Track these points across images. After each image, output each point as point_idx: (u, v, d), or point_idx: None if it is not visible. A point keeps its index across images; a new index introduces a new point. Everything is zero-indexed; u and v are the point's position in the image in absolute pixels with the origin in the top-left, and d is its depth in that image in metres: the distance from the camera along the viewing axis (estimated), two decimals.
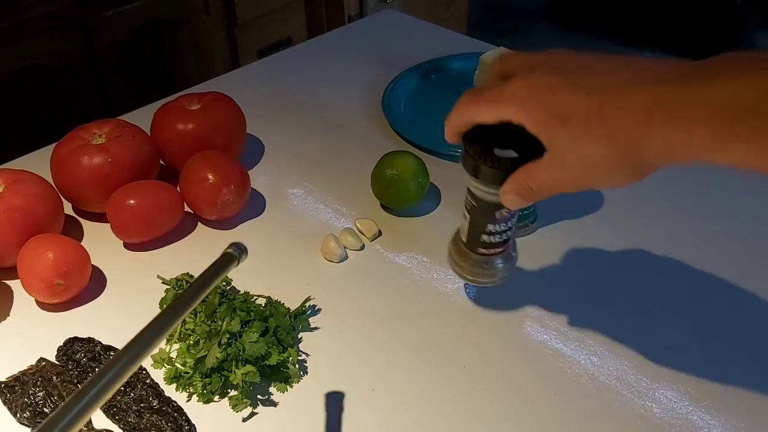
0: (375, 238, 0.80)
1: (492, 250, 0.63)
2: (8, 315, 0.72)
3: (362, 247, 0.79)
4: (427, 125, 0.96)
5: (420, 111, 1.01)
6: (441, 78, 1.09)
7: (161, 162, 0.88)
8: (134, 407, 0.61)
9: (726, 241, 0.79)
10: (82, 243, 0.76)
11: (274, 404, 0.63)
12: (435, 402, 0.63)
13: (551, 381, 0.64)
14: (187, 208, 0.82)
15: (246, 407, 0.62)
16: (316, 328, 0.70)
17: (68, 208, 0.84)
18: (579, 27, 3.04)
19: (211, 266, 0.52)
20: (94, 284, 0.75)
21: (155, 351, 0.43)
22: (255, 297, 0.70)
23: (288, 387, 0.64)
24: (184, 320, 0.67)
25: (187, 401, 0.63)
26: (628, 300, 0.72)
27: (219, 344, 0.63)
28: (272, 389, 0.64)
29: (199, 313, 0.67)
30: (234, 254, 0.55)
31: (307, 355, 0.67)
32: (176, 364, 0.65)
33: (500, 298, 0.72)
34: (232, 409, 0.62)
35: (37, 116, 1.55)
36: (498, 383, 0.64)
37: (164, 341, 0.68)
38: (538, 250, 0.77)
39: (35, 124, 1.54)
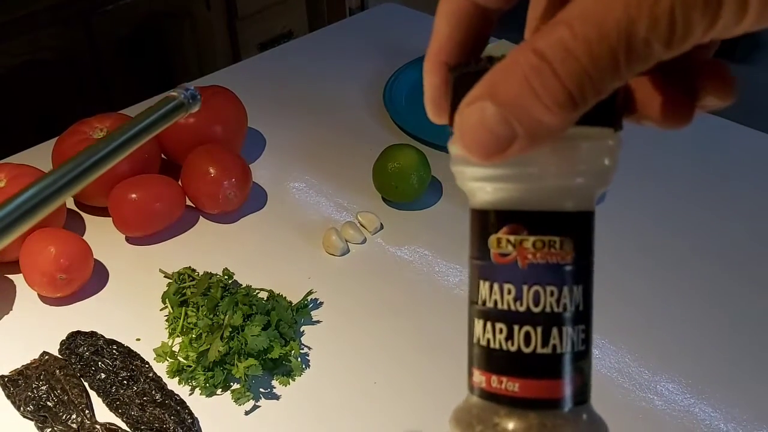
0: (376, 232, 0.80)
1: None
2: (11, 309, 0.72)
3: (364, 241, 0.79)
4: (429, 119, 0.96)
5: (421, 104, 1.00)
6: None
7: (162, 156, 0.88)
8: (137, 401, 0.61)
9: (728, 235, 0.79)
10: (84, 237, 0.76)
11: (276, 397, 0.63)
12: (436, 395, 0.63)
13: None
14: (188, 202, 0.82)
15: (248, 400, 0.62)
16: (318, 322, 0.70)
17: (70, 203, 0.84)
18: None
19: (151, 110, 0.40)
20: (96, 278, 0.75)
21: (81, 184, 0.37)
22: (257, 291, 0.70)
23: (290, 380, 0.64)
24: (186, 314, 0.67)
25: (190, 395, 0.63)
26: (629, 293, 0.72)
27: (221, 338, 0.63)
28: (274, 382, 0.64)
29: (202, 306, 0.67)
30: (182, 100, 0.44)
31: (309, 348, 0.67)
32: (179, 357, 0.65)
33: None
34: (234, 403, 0.62)
35: (38, 110, 1.55)
36: None
37: (167, 336, 0.68)
38: None
39: (36, 118, 1.54)
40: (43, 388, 0.62)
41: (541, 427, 0.25)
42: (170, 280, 0.72)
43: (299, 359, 0.65)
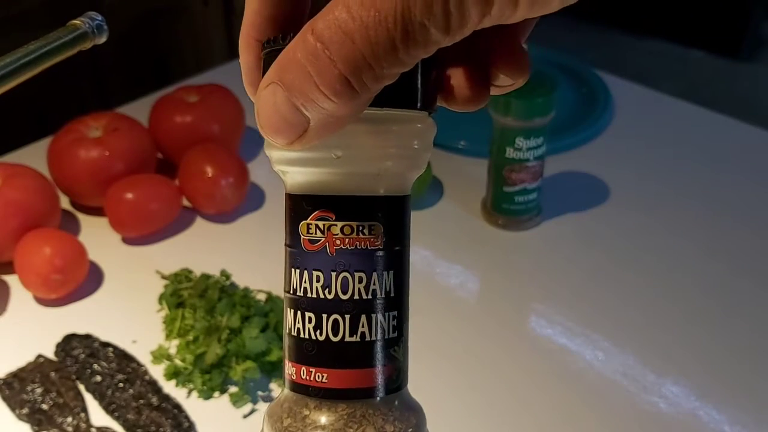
0: None
1: None
2: (5, 311, 0.72)
3: None
4: None
5: None
6: None
7: (159, 155, 0.87)
8: (133, 404, 0.61)
9: (734, 235, 0.78)
10: (79, 237, 0.75)
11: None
12: (437, 398, 0.62)
13: (556, 376, 0.63)
14: (185, 202, 0.81)
15: (246, 403, 0.62)
16: None
17: (65, 202, 0.83)
18: (585, 15, 3.02)
19: (51, 37, 0.40)
20: (91, 279, 0.74)
21: None
22: (255, 292, 0.69)
23: None
24: (183, 316, 0.66)
25: (187, 397, 0.62)
26: (633, 294, 0.71)
27: (219, 340, 0.63)
28: (273, 385, 0.63)
29: (199, 308, 0.66)
30: (86, 29, 0.42)
31: None
32: (175, 360, 0.64)
33: (504, 293, 0.71)
34: (232, 406, 0.62)
35: (33, 109, 1.54)
36: (502, 379, 0.63)
37: (164, 338, 0.67)
38: (542, 244, 0.76)
39: (31, 116, 1.53)
40: (38, 390, 0.62)
41: (350, 417, 0.24)
42: (167, 282, 0.71)
43: None
